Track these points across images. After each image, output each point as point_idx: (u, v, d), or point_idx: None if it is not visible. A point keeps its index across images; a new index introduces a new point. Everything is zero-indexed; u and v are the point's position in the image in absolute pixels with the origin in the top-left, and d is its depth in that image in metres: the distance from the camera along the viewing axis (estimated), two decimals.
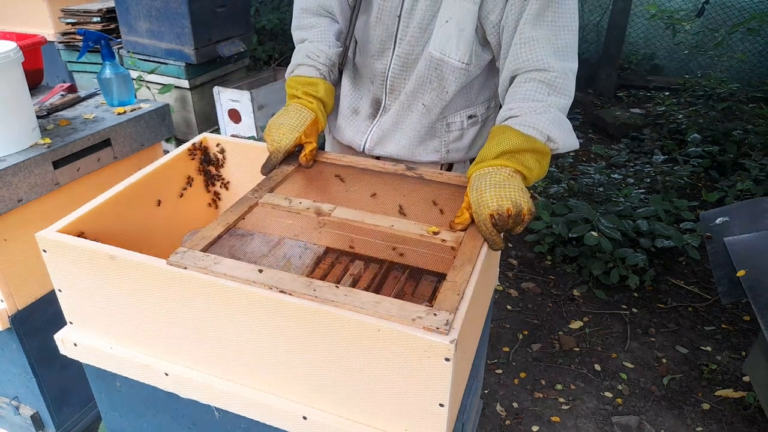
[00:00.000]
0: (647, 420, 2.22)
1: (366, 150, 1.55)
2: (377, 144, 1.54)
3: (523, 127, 1.22)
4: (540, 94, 1.26)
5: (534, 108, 1.25)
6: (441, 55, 1.38)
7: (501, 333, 2.68)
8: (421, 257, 1.51)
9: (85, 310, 1.18)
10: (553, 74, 1.26)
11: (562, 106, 1.28)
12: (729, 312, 2.82)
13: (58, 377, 1.79)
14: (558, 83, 1.27)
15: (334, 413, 1.03)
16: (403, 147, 1.52)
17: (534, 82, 1.27)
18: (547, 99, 1.26)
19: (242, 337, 1.03)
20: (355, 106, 1.57)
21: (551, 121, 1.24)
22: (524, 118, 1.24)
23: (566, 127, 1.28)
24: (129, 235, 1.35)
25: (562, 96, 1.28)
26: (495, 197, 1.14)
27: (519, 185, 1.18)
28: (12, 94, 1.52)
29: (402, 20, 1.40)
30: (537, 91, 1.27)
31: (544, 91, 1.27)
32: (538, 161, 1.24)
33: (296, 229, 1.59)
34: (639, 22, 6.40)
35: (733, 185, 3.68)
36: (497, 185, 1.16)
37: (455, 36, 1.35)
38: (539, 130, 1.22)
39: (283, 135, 1.36)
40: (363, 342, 0.92)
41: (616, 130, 4.81)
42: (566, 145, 1.27)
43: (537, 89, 1.27)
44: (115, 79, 1.86)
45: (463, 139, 1.54)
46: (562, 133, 1.25)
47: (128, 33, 3.43)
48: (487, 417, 2.24)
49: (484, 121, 1.56)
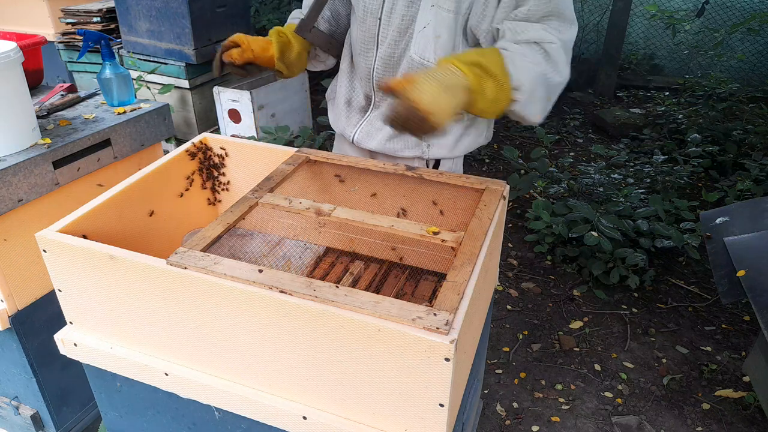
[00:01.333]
0: (647, 420, 2.22)
1: (355, 142, 1.60)
2: (365, 137, 1.58)
3: (507, 61, 1.18)
4: (536, 55, 1.23)
5: (526, 57, 1.21)
6: (421, 60, 1.41)
7: (501, 333, 2.68)
8: (421, 257, 1.51)
9: (85, 310, 1.18)
10: (553, 45, 1.24)
11: (551, 80, 1.25)
12: (729, 312, 2.82)
13: (58, 377, 1.79)
14: (554, 56, 1.24)
15: (334, 413, 1.03)
16: (386, 140, 1.55)
17: (530, 46, 1.24)
18: (541, 62, 1.23)
19: (242, 337, 1.03)
20: (348, 97, 1.61)
21: (533, 77, 1.20)
22: (513, 56, 1.20)
23: (540, 94, 1.24)
24: (129, 235, 1.35)
25: (555, 72, 1.25)
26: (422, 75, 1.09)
27: (449, 83, 1.09)
28: (12, 94, 1.52)
29: (382, 22, 1.43)
30: (533, 52, 1.23)
31: (541, 56, 1.23)
32: (495, 98, 1.17)
33: (296, 229, 1.59)
34: (639, 22, 6.40)
35: (733, 185, 3.68)
36: (435, 73, 1.11)
37: (432, 42, 1.38)
38: (518, 73, 1.18)
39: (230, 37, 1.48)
40: (363, 342, 0.92)
41: (616, 130, 4.81)
42: (528, 107, 1.23)
43: (534, 51, 1.23)
44: (115, 79, 1.86)
45: (445, 136, 1.50)
46: (533, 93, 1.21)
47: (128, 33, 3.43)
48: (487, 417, 2.23)
49: (471, 120, 1.55)
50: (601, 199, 3.45)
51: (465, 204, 1.37)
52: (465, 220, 1.38)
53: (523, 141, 4.82)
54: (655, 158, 3.97)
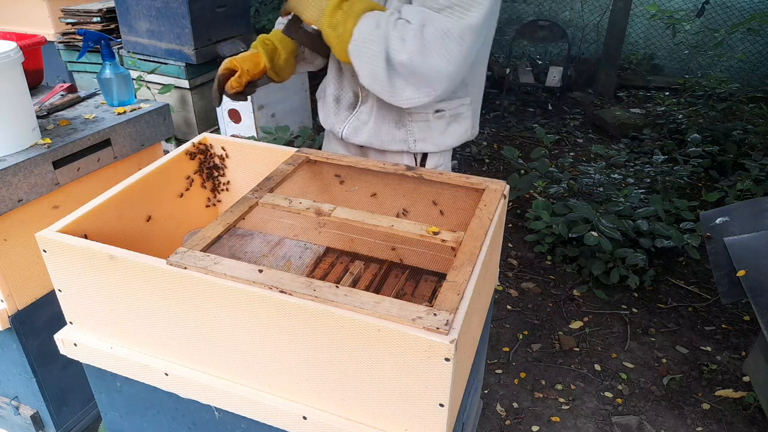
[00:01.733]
0: (647, 420, 2.22)
1: (343, 137, 1.65)
2: (353, 132, 1.62)
3: (369, 15, 1.33)
4: (400, 30, 1.31)
5: (379, 27, 1.32)
6: None
7: (501, 333, 2.68)
8: (421, 257, 1.51)
9: (85, 310, 1.18)
10: (411, 27, 1.31)
11: (394, 56, 1.32)
12: (729, 312, 2.82)
13: (58, 377, 1.79)
14: (408, 39, 1.31)
15: (334, 413, 1.03)
16: (373, 135, 1.59)
17: (405, 23, 1.33)
18: (393, 38, 1.31)
19: (242, 337, 1.03)
20: (337, 95, 1.65)
21: (370, 41, 1.32)
22: (375, 20, 1.32)
23: (368, 56, 1.33)
24: (129, 235, 1.35)
25: (401, 50, 1.31)
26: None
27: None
28: (12, 94, 1.52)
29: None
30: (400, 26, 1.32)
31: (402, 33, 1.31)
32: (339, 35, 1.34)
33: (296, 229, 1.59)
34: (639, 22, 6.40)
35: (733, 185, 3.67)
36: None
37: None
38: (361, 30, 1.32)
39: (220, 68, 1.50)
40: (363, 342, 0.92)
41: (616, 130, 4.81)
42: (356, 62, 1.35)
43: (402, 25, 1.32)
44: (115, 79, 1.86)
45: (431, 130, 1.57)
46: (360, 51, 1.33)
47: (128, 33, 3.43)
48: (487, 417, 2.24)
49: (454, 116, 1.58)
50: (601, 199, 3.45)
51: (465, 204, 1.37)
52: (465, 220, 1.38)
53: (523, 141, 4.82)
54: (655, 158, 3.97)
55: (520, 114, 5.37)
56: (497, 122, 5.14)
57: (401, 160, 1.63)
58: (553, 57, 6.40)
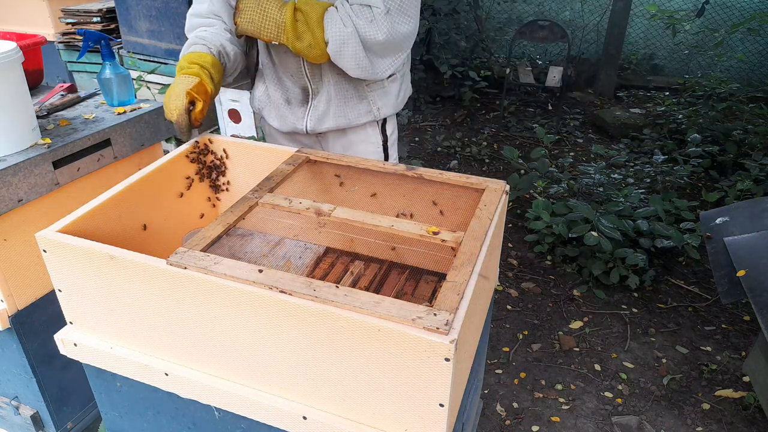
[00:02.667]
0: (647, 420, 2.22)
1: (309, 131, 1.74)
2: (317, 122, 1.71)
3: (327, 16, 1.45)
4: (361, 16, 1.45)
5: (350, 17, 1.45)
6: None
7: (501, 333, 2.68)
8: (421, 257, 1.51)
9: (85, 310, 1.18)
10: (378, 10, 1.45)
11: (370, 38, 1.47)
12: (729, 312, 2.82)
13: (58, 377, 1.79)
14: (379, 20, 1.45)
15: (334, 413, 1.03)
16: (338, 117, 1.69)
17: (362, 7, 1.47)
18: (362, 24, 1.45)
19: (242, 337, 1.03)
20: (286, 97, 1.74)
21: (343, 36, 1.45)
22: (335, 14, 1.45)
23: (350, 51, 1.47)
24: (129, 235, 1.35)
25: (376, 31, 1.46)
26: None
27: (265, 19, 1.48)
28: (12, 94, 1.52)
29: None
30: (362, 12, 1.46)
31: (368, 17, 1.45)
32: (310, 44, 1.47)
33: (296, 229, 1.59)
34: (639, 22, 6.40)
35: (733, 185, 3.67)
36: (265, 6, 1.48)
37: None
38: (330, 30, 1.45)
39: (174, 100, 1.46)
40: (363, 342, 0.92)
41: (616, 130, 4.81)
42: (339, 60, 1.50)
43: (363, 12, 1.46)
44: (115, 79, 1.86)
45: (389, 95, 1.72)
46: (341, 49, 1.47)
47: (128, 33, 3.43)
48: (487, 417, 2.24)
49: (403, 75, 1.75)
50: (601, 199, 3.45)
51: (465, 204, 1.37)
52: (465, 220, 1.38)
53: (523, 141, 4.82)
54: (655, 158, 3.97)
55: (520, 114, 5.37)
56: (497, 122, 5.14)
57: (365, 132, 1.75)
58: (553, 57, 6.40)
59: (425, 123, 5.17)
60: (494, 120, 5.22)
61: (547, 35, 4.95)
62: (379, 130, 1.77)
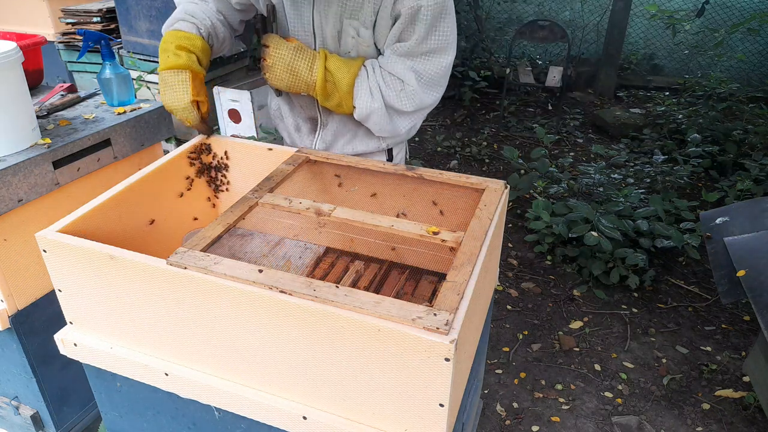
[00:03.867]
0: (647, 420, 2.22)
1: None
2: (325, 149, 1.69)
3: (358, 81, 1.44)
4: (391, 87, 1.45)
5: (381, 87, 1.45)
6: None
7: (501, 333, 2.68)
8: (421, 257, 1.51)
9: (85, 310, 1.18)
10: (410, 87, 1.46)
11: (396, 109, 1.48)
12: (729, 312, 2.82)
13: (58, 377, 1.79)
14: (409, 94, 1.46)
15: (334, 413, 1.03)
16: (347, 146, 1.67)
17: (393, 77, 1.46)
18: (390, 95, 1.45)
19: (242, 337, 1.03)
20: (296, 123, 1.73)
21: (370, 108, 1.46)
22: (365, 81, 1.45)
23: (376, 120, 1.49)
24: (129, 235, 1.35)
25: (404, 103, 1.47)
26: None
27: (296, 77, 1.46)
28: (12, 94, 1.52)
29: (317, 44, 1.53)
30: (393, 82, 1.45)
31: (394, 90, 1.45)
32: (338, 104, 1.48)
33: (296, 229, 1.59)
34: (639, 22, 6.40)
35: (733, 185, 3.67)
36: (295, 62, 1.45)
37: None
38: (359, 98, 1.45)
39: (182, 111, 1.45)
40: (363, 342, 0.92)
41: (616, 130, 4.81)
42: (368, 124, 1.52)
43: (394, 81, 1.46)
44: (115, 79, 1.86)
45: (399, 132, 1.66)
46: (368, 117, 1.49)
47: (128, 33, 3.43)
48: (487, 417, 2.23)
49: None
50: (601, 199, 3.45)
51: (465, 204, 1.37)
52: (465, 220, 1.38)
53: (523, 141, 4.82)
54: (655, 158, 3.97)
55: (520, 114, 5.37)
56: (497, 122, 5.14)
57: (371, 156, 1.72)
58: (553, 57, 6.40)
59: (425, 123, 5.17)
60: (494, 120, 5.22)
61: (547, 35, 4.95)
62: (386, 154, 1.75)
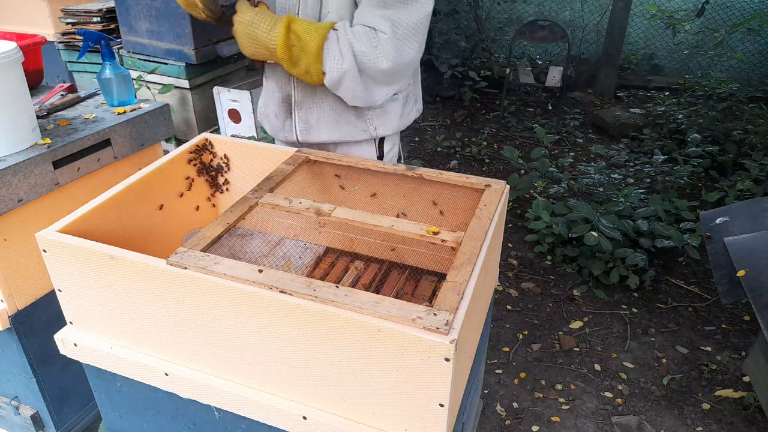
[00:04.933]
0: (647, 420, 2.22)
1: (301, 141, 1.69)
2: (307, 133, 1.66)
3: (326, 45, 1.39)
4: (366, 41, 1.39)
5: (353, 43, 1.39)
6: None
7: (501, 333, 2.68)
8: (421, 257, 1.51)
9: (85, 310, 1.18)
10: (384, 36, 1.38)
11: (374, 67, 1.41)
12: (729, 312, 2.82)
13: (58, 377, 1.79)
14: (384, 45, 1.39)
15: (334, 413, 1.03)
16: (332, 131, 1.63)
17: (365, 29, 1.40)
18: (365, 51, 1.39)
19: (242, 337, 1.03)
20: (275, 111, 1.71)
21: (341, 70, 1.41)
22: (333, 44, 1.39)
23: (348, 84, 1.43)
24: (129, 235, 1.35)
25: (381, 58, 1.40)
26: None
27: (257, 40, 1.42)
28: (12, 94, 1.52)
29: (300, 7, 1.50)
30: (366, 37, 1.39)
31: (373, 42, 1.39)
32: (306, 71, 1.43)
33: (296, 229, 1.59)
34: (639, 22, 6.40)
35: (733, 185, 3.67)
36: (256, 25, 1.42)
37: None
38: (328, 63, 1.40)
39: None
40: (363, 342, 0.92)
41: (616, 130, 4.81)
42: (338, 91, 1.46)
43: (368, 35, 1.39)
44: (115, 79, 1.86)
45: (388, 114, 1.64)
46: (338, 82, 1.43)
47: (128, 33, 3.43)
48: (487, 417, 2.24)
49: (406, 97, 1.67)
50: (601, 199, 3.45)
51: (465, 204, 1.37)
52: (465, 220, 1.38)
53: (523, 141, 4.82)
54: (655, 158, 3.97)
55: (520, 114, 5.37)
56: (497, 122, 5.14)
57: (360, 147, 1.68)
58: (553, 57, 6.40)
59: (425, 123, 5.17)
60: (494, 120, 5.22)
61: (547, 35, 4.95)
62: (376, 146, 1.70)
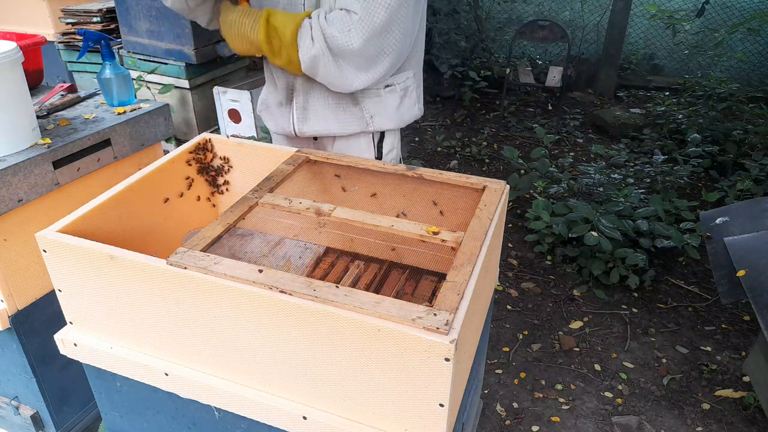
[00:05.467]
0: (647, 420, 2.22)
1: (297, 133, 1.70)
2: (303, 124, 1.67)
3: (300, 33, 1.43)
4: (338, 24, 1.41)
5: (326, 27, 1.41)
6: None
7: (501, 333, 2.68)
8: (421, 257, 1.51)
9: (85, 310, 1.18)
10: (355, 16, 1.39)
11: (344, 48, 1.42)
12: (729, 312, 2.82)
13: (58, 377, 1.79)
14: (356, 24, 1.39)
15: (334, 413, 1.03)
16: (327, 120, 1.64)
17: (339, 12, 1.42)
18: (335, 35, 1.41)
19: (242, 337, 1.03)
20: (279, 99, 1.72)
21: (312, 56, 1.44)
22: (307, 31, 1.43)
23: (323, 69, 1.46)
24: (129, 235, 1.35)
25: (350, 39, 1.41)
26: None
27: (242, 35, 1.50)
28: (12, 94, 1.52)
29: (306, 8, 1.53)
30: (341, 19, 1.41)
31: (345, 24, 1.40)
32: (288, 62, 1.48)
33: (296, 229, 1.59)
34: (639, 22, 6.40)
35: (733, 185, 3.67)
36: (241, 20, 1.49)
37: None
38: (302, 50, 1.44)
39: None
40: (363, 342, 0.92)
41: (616, 130, 4.81)
42: (318, 76, 1.50)
43: (341, 18, 1.41)
44: (115, 79, 1.86)
45: (385, 105, 1.63)
46: (313, 68, 1.46)
47: (128, 33, 3.43)
48: (487, 417, 2.23)
49: (404, 90, 1.66)
50: (601, 199, 3.45)
51: (465, 204, 1.37)
52: (465, 220, 1.38)
53: (523, 141, 4.82)
54: (655, 158, 3.97)
55: (520, 114, 5.37)
56: (497, 122, 5.14)
57: (358, 143, 1.67)
58: (553, 57, 6.40)
59: (425, 123, 5.17)
60: (494, 120, 5.22)
61: (547, 35, 4.95)
62: (374, 144, 1.67)
